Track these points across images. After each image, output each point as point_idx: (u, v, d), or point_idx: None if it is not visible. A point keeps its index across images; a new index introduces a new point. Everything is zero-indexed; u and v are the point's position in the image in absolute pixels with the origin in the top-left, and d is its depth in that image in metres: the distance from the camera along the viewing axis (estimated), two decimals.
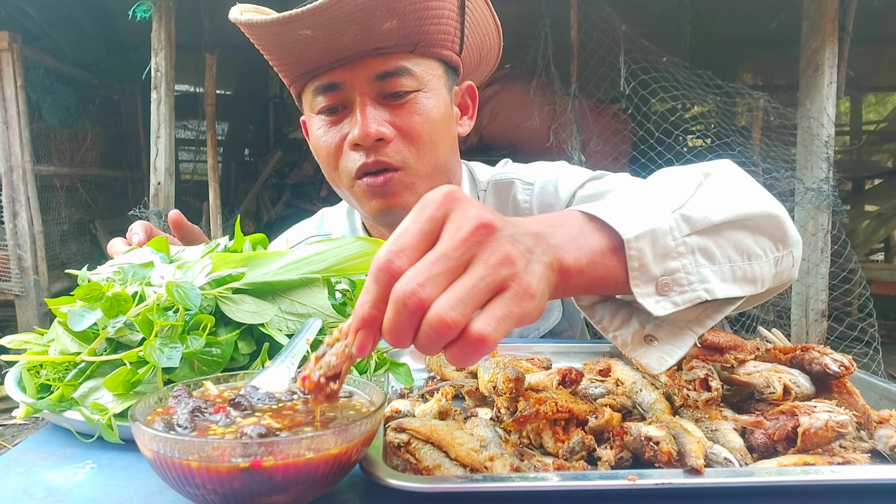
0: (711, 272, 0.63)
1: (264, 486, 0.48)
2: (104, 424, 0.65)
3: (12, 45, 4.05)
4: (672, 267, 0.61)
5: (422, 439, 0.61)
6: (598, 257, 0.59)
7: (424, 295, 0.47)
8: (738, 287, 0.65)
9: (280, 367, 0.63)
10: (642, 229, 0.60)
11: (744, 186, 0.73)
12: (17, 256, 4.24)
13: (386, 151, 1.06)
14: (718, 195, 0.68)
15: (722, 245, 0.65)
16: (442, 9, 1.05)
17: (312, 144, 1.16)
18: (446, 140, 1.13)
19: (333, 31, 0.99)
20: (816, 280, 3.41)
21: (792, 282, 0.77)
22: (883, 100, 7.04)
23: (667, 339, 0.64)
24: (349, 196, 1.15)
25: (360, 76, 1.05)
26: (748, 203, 0.68)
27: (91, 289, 0.73)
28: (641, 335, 0.64)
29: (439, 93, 1.11)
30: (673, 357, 0.63)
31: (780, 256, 0.71)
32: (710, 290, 0.62)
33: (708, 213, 0.64)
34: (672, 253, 0.61)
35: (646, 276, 0.60)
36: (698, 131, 4.57)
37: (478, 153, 4.64)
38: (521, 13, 4.00)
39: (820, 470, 0.56)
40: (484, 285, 0.48)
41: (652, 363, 0.63)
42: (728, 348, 0.72)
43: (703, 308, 0.65)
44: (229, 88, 6.49)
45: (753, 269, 0.67)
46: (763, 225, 0.69)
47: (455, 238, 0.49)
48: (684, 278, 0.61)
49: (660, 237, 0.60)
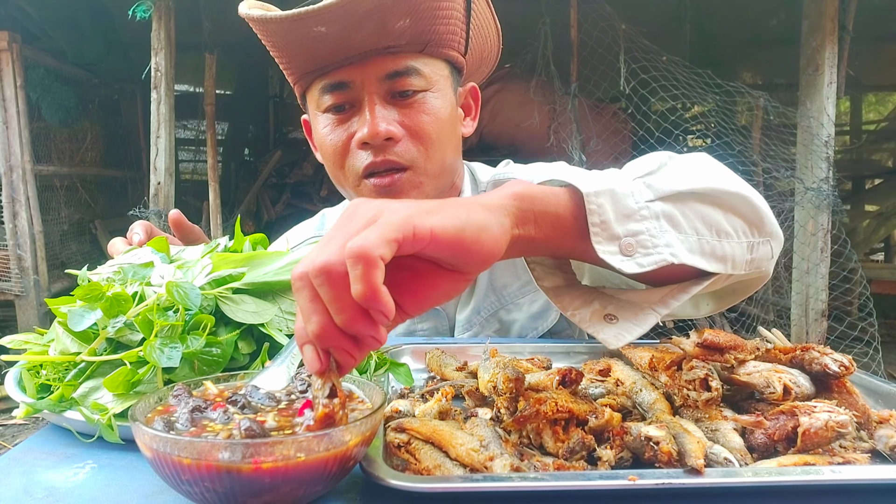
0: (677, 238, 0.63)
1: (264, 485, 0.48)
2: (104, 424, 0.65)
3: (12, 45, 4.05)
4: (635, 228, 0.62)
5: (422, 439, 0.61)
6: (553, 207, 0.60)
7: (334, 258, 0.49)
8: (705, 261, 0.65)
9: (280, 367, 0.63)
10: (601, 187, 0.61)
11: (713, 169, 0.73)
12: (17, 256, 4.25)
13: (395, 151, 1.06)
14: (684, 171, 0.69)
15: (688, 215, 0.65)
16: (451, 9, 1.06)
17: (318, 143, 1.15)
18: (452, 140, 1.14)
19: (348, 29, 0.99)
20: (816, 280, 3.41)
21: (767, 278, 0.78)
22: (883, 99, 7.04)
23: (628, 318, 0.65)
24: (354, 195, 1.15)
25: (370, 75, 1.04)
26: (716, 180, 0.69)
27: (91, 289, 0.73)
28: (601, 314, 0.65)
29: (446, 93, 1.11)
30: (631, 334, 0.64)
31: (756, 242, 0.71)
32: (676, 254, 0.63)
33: (671, 183, 0.65)
34: (635, 215, 0.62)
35: (608, 234, 0.61)
36: (698, 131, 4.57)
37: (478, 153, 4.64)
38: (521, 12, 4.00)
39: (820, 470, 0.56)
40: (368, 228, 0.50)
41: (609, 338, 0.64)
42: (728, 348, 0.72)
43: (667, 289, 0.65)
44: (229, 88, 6.49)
45: (724, 247, 0.67)
46: (736, 205, 0.69)
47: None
48: (649, 240, 0.62)
49: (620, 197, 0.62)
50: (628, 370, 0.81)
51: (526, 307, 1.25)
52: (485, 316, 1.26)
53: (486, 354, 0.84)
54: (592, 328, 0.64)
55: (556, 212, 0.61)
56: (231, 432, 0.51)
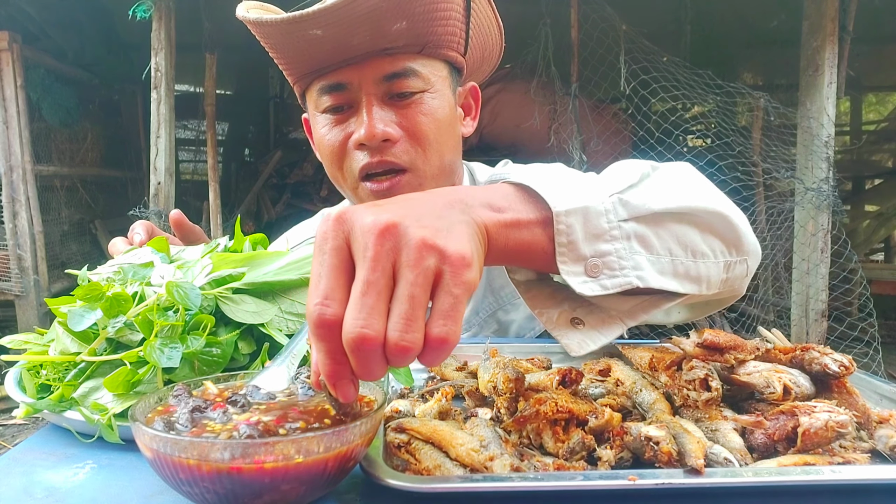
0: (647, 261, 0.62)
1: (264, 486, 0.48)
2: (104, 424, 0.65)
3: (12, 45, 4.06)
4: (603, 249, 0.60)
5: (422, 439, 0.61)
6: (523, 223, 0.58)
7: (373, 332, 0.46)
8: (677, 282, 0.64)
9: (280, 367, 0.63)
10: (574, 205, 0.59)
11: (694, 184, 0.71)
12: (17, 256, 4.25)
13: (393, 152, 1.06)
14: (663, 186, 0.66)
15: (663, 236, 0.63)
16: (450, 10, 1.06)
17: (316, 143, 1.15)
18: (451, 141, 1.14)
19: (344, 32, 0.99)
20: (816, 280, 3.41)
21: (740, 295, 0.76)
22: (883, 99, 7.04)
23: (595, 325, 0.63)
24: (353, 198, 1.15)
25: (368, 76, 1.04)
26: (694, 198, 0.67)
27: (91, 289, 0.73)
28: (568, 317, 0.63)
29: (444, 94, 1.11)
30: (596, 343, 0.62)
31: (733, 262, 0.69)
32: (643, 278, 0.61)
33: (648, 200, 0.63)
34: (605, 235, 0.60)
35: (574, 255, 0.59)
36: (698, 131, 4.57)
37: (478, 153, 4.65)
38: (521, 13, 4.00)
39: (820, 470, 0.56)
40: (420, 289, 0.47)
41: (572, 345, 0.62)
42: (728, 348, 0.72)
43: (638, 300, 0.64)
44: (229, 88, 6.49)
45: (699, 267, 0.66)
46: (714, 224, 0.68)
47: (367, 259, 0.48)
48: (616, 262, 0.60)
49: (593, 217, 0.59)
50: (628, 370, 0.81)
51: (523, 308, 1.25)
52: (483, 317, 1.27)
53: (486, 354, 0.84)
54: (557, 331, 0.63)
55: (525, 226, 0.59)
56: (231, 433, 0.51)
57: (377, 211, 0.50)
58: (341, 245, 0.49)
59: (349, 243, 0.50)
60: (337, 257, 0.49)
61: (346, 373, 0.49)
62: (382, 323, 0.47)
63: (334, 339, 0.48)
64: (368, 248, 0.48)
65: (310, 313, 0.48)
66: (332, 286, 0.48)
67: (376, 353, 0.47)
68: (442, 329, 0.48)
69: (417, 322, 0.47)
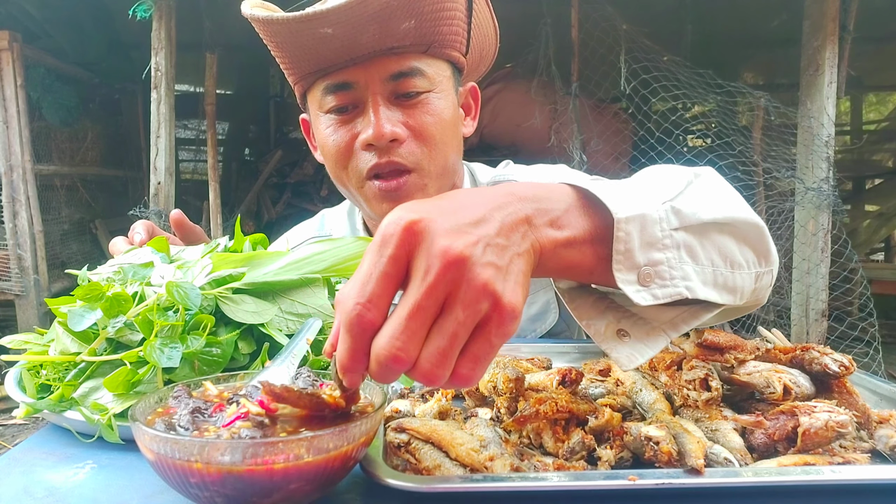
0: (694, 271, 0.61)
1: (264, 486, 0.48)
2: (104, 424, 0.65)
3: (12, 45, 4.05)
4: (656, 258, 0.59)
5: (422, 439, 0.61)
6: (578, 241, 0.57)
7: (406, 357, 0.47)
8: (717, 293, 0.64)
9: (280, 367, 0.63)
10: (634, 212, 0.58)
11: (730, 193, 0.71)
12: (17, 256, 4.25)
13: (399, 152, 1.06)
14: (708, 195, 0.66)
15: (707, 247, 0.63)
16: (454, 10, 1.06)
17: (319, 143, 1.15)
18: (455, 141, 1.14)
19: (353, 30, 0.98)
20: (817, 280, 3.41)
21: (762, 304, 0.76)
22: (884, 99, 7.04)
23: (639, 337, 0.63)
24: (357, 196, 1.14)
25: (374, 76, 1.04)
26: (734, 208, 0.67)
27: (91, 289, 0.73)
28: (615, 329, 0.63)
29: (448, 94, 1.11)
30: (643, 356, 0.62)
31: (762, 273, 0.70)
32: (692, 288, 0.61)
33: (697, 209, 0.62)
34: (658, 244, 0.59)
35: (630, 263, 0.59)
36: (699, 131, 4.57)
37: (479, 153, 4.65)
38: (522, 12, 4.00)
39: (820, 470, 0.56)
40: (464, 330, 0.48)
41: (622, 359, 0.62)
42: (728, 348, 0.72)
43: (679, 311, 0.64)
44: (229, 88, 6.49)
45: (735, 278, 0.65)
46: (749, 235, 0.68)
47: (426, 284, 0.47)
48: (667, 272, 0.60)
49: (649, 225, 0.59)
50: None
51: (524, 309, 1.24)
52: None
53: None
54: (606, 345, 0.63)
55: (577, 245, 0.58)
56: (232, 434, 0.51)
57: (451, 236, 0.49)
58: (402, 256, 0.49)
59: (411, 256, 0.49)
60: (394, 267, 0.49)
61: (361, 368, 0.49)
62: (418, 349, 0.47)
63: (363, 340, 0.48)
64: (431, 273, 0.47)
65: (347, 308, 0.48)
66: (379, 293, 0.48)
67: (401, 371, 0.48)
68: (470, 371, 0.49)
69: (451, 359, 0.48)
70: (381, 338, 0.47)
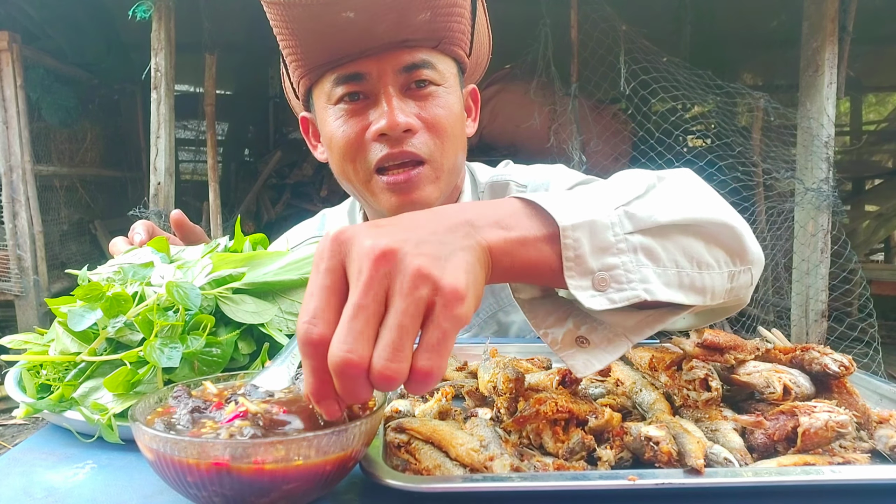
0: (654, 273, 0.61)
1: (264, 486, 0.48)
2: (104, 424, 0.65)
3: (12, 45, 4.06)
4: (611, 263, 0.59)
5: (422, 439, 0.61)
6: (530, 241, 0.58)
7: (357, 357, 0.46)
8: (683, 294, 0.63)
9: (280, 367, 0.63)
10: (580, 219, 0.58)
11: (699, 194, 0.71)
12: (17, 256, 4.25)
13: (412, 143, 1.05)
14: (669, 198, 0.66)
15: (669, 248, 0.63)
16: (463, 7, 1.07)
17: (326, 137, 1.13)
18: (462, 139, 1.14)
19: (373, 17, 0.99)
20: (816, 280, 3.41)
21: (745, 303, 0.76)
22: (883, 100, 7.05)
23: (599, 343, 0.63)
24: (363, 192, 1.12)
25: (387, 67, 1.04)
26: (700, 209, 0.66)
27: (91, 289, 0.73)
28: (574, 336, 0.63)
29: (456, 91, 1.12)
30: (601, 362, 0.62)
31: (737, 272, 0.69)
32: (651, 290, 0.60)
33: (654, 212, 0.62)
34: (612, 248, 0.59)
35: (582, 269, 0.59)
36: (698, 131, 4.58)
37: (478, 153, 4.65)
38: (521, 13, 4.00)
39: (820, 470, 0.56)
40: (409, 319, 0.47)
41: (578, 365, 0.62)
42: (728, 348, 0.72)
43: (643, 315, 0.64)
44: (229, 88, 6.49)
45: (703, 278, 0.65)
46: (718, 234, 0.67)
47: (360, 283, 0.47)
48: (623, 276, 0.60)
49: (599, 230, 0.59)
50: (628, 370, 0.81)
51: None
52: (483, 318, 1.26)
53: (486, 354, 0.84)
54: (563, 353, 0.63)
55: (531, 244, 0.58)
56: (232, 433, 0.51)
57: (377, 234, 0.50)
58: (336, 266, 0.49)
59: (344, 264, 0.49)
60: (330, 278, 0.49)
61: (330, 392, 0.49)
62: (368, 349, 0.47)
63: (319, 358, 0.48)
64: (363, 272, 0.48)
65: (298, 331, 0.48)
66: (322, 307, 0.48)
67: (360, 377, 0.47)
68: (427, 363, 0.48)
69: (404, 352, 0.47)
70: (331, 346, 0.47)
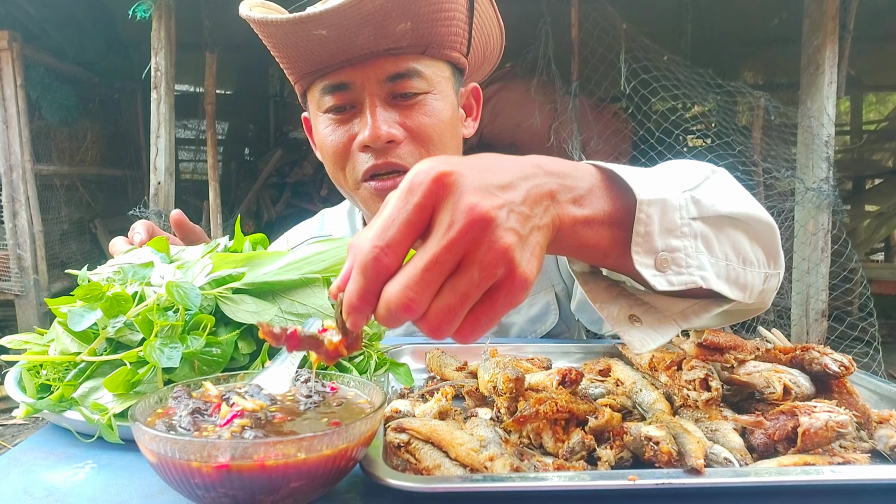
0: (709, 262, 0.62)
1: (264, 485, 0.48)
2: (104, 424, 0.65)
3: (12, 44, 4.05)
4: (674, 245, 0.60)
5: (422, 439, 0.61)
6: (596, 221, 0.58)
7: (417, 307, 0.47)
8: (728, 287, 0.64)
9: (280, 367, 0.63)
10: (656, 195, 0.58)
11: (744, 192, 0.73)
12: (17, 256, 4.25)
13: (397, 153, 1.06)
14: (725, 189, 0.67)
15: (721, 240, 0.64)
16: (453, 10, 1.06)
17: (318, 143, 1.15)
18: (454, 142, 1.14)
19: (348, 32, 0.99)
20: (817, 280, 3.41)
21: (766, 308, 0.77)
22: (884, 99, 7.04)
23: (651, 324, 0.63)
24: (354, 197, 1.14)
25: (371, 77, 1.04)
26: (749, 205, 0.68)
27: (91, 289, 0.73)
28: (627, 314, 0.63)
29: (447, 95, 1.11)
30: (654, 342, 0.62)
31: (770, 274, 0.70)
32: (706, 278, 0.61)
33: (716, 202, 0.63)
34: (677, 231, 0.60)
35: (648, 246, 0.59)
36: (699, 130, 4.57)
37: (478, 152, 4.63)
38: (521, 12, 3.99)
39: (820, 470, 0.56)
40: (476, 290, 0.48)
41: (634, 342, 0.62)
42: (728, 348, 0.72)
43: (690, 302, 0.64)
44: (229, 88, 6.49)
45: (746, 275, 0.66)
46: (761, 234, 0.68)
47: (446, 238, 0.47)
48: (683, 259, 0.60)
49: (669, 211, 0.59)
50: (628, 370, 0.81)
51: (525, 310, 1.25)
52: None
53: (486, 354, 0.84)
54: (619, 327, 0.63)
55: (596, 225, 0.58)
56: (233, 434, 0.51)
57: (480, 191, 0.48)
58: (427, 206, 0.48)
59: (436, 206, 0.48)
60: (417, 215, 0.48)
61: (368, 311, 0.49)
62: (429, 301, 0.47)
63: (376, 283, 0.48)
64: (454, 228, 0.47)
65: (364, 249, 0.48)
66: (399, 239, 0.48)
67: (408, 318, 0.47)
68: (470, 332, 0.49)
69: (459, 317, 0.48)
70: (394, 284, 0.47)
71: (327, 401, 0.60)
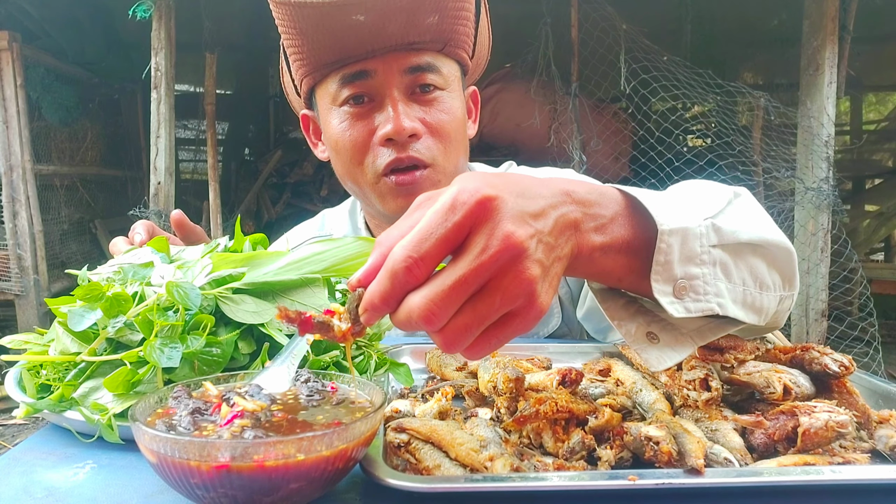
0: (726, 289, 0.63)
1: (264, 485, 0.48)
2: (104, 424, 0.65)
3: (12, 45, 4.05)
4: (693, 272, 0.61)
5: (422, 439, 0.61)
6: (613, 249, 0.59)
7: (438, 321, 0.48)
8: (744, 312, 0.65)
9: (280, 367, 0.63)
10: (678, 225, 0.59)
11: (764, 215, 0.73)
12: (17, 256, 4.25)
13: (417, 148, 1.07)
14: (746, 215, 0.68)
15: (740, 267, 0.65)
16: (468, 10, 1.08)
17: (331, 139, 1.13)
18: (464, 142, 1.16)
19: (383, 19, 1.00)
20: (816, 280, 3.41)
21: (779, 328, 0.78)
22: (883, 99, 7.04)
23: (668, 342, 0.64)
24: (370, 193, 1.13)
25: (393, 66, 1.05)
26: (768, 230, 0.68)
27: (91, 289, 0.73)
28: (644, 331, 0.64)
29: (459, 94, 1.14)
30: (671, 360, 0.63)
31: (785, 296, 0.71)
32: (723, 305, 0.62)
33: (737, 229, 0.64)
34: (696, 259, 0.61)
35: (668, 274, 0.60)
36: (698, 131, 4.57)
37: (478, 153, 4.64)
38: (521, 12, 4.00)
39: (820, 470, 0.56)
40: (496, 314, 0.49)
41: (651, 360, 0.63)
42: (728, 348, 0.72)
43: (705, 322, 0.65)
44: (229, 88, 6.49)
45: (762, 299, 0.67)
46: (778, 258, 0.69)
47: (478, 261, 0.48)
48: (701, 287, 0.61)
49: (690, 239, 0.60)
50: (628, 370, 0.81)
51: None
52: None
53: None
54: (637, 345, 0.64)
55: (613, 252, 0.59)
56: (233, 434, 0.51)
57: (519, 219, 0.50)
58: (466, 226, 0.49)
59: (474, 228, 0.49)
60: (455, 234, 0.49)
61: (387, 312, 0.50)
62: (450, 316, 0.49)
63: (402, 291, 0.49)
64: (487, 252, 0.48)
65: (397, 256, 0.49)
66: (434, 254, 0.49)
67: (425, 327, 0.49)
68: (479, 350, 0.51)
69: (473, 336, 0.50)
70: (419, 295, 0.48)
71: (327, 401, 0.60)
